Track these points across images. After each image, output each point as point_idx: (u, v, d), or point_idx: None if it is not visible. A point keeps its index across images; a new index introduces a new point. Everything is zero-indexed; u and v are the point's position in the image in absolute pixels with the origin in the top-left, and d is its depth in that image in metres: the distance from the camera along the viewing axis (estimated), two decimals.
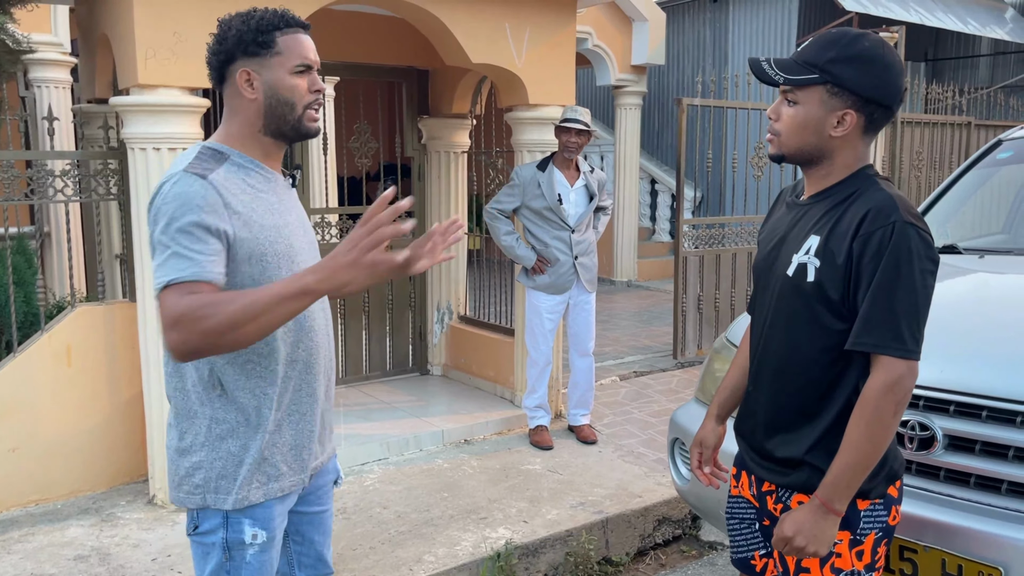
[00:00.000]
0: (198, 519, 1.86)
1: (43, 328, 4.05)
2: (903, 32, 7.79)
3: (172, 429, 1.88)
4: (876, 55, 1.78)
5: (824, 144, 1.83)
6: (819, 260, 1.80)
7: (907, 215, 1.73)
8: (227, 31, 1.84)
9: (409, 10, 4.61)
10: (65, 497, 4.08)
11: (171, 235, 1.66)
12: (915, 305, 1.71)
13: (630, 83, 9.92)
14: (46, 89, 6.88)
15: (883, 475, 1.82)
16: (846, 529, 1.81)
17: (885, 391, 1.71)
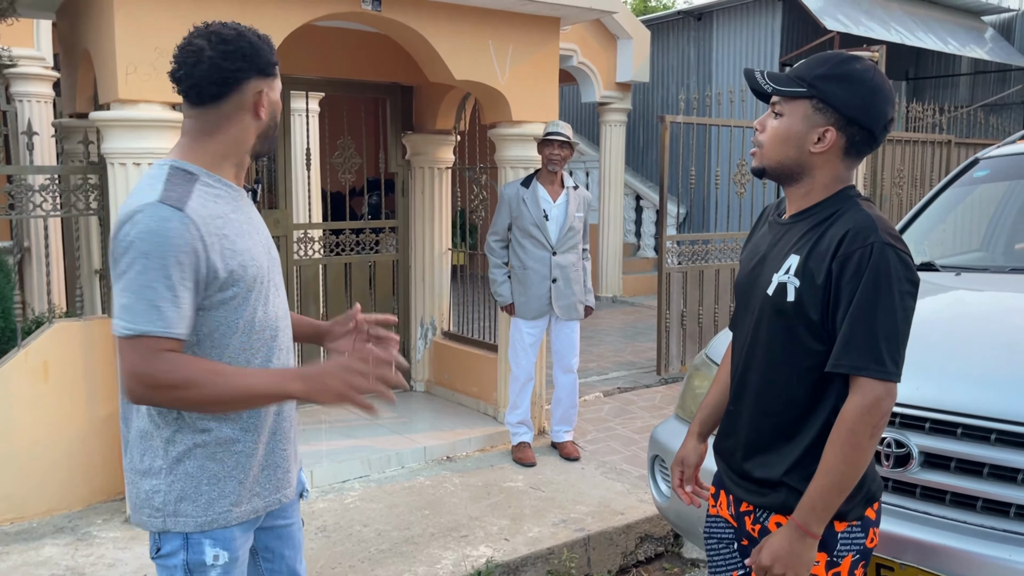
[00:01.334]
0: (159, 541, 1.81)
1: (20, 344, 4.01)
2: (884, 51, 7.87)
3: (132, 449, 1.82)
4: (865, 77, 1.78)
5: (804, 159, 1.83)
6: (799, 280, 1.79)
7: (886, 236, 1.72)
8: (241, 43, 1.74)
9: (393, 27, 4.63)
10: (40, 515, 4.03)
11: (146, 278, 1.62)
12: (895, 327, 1.70)
13: (615, 100, 9.98)
14: (28, 103, 6.85)
15: (860, 497, 1.81)
16: (823, 551, 1.80)
17: (863, 413, 1.70)
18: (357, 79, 5.62)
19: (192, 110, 1.78)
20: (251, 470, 1.83)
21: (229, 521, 1.81)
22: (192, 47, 1.72)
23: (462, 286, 6.30)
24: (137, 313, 1.62)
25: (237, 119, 1.77)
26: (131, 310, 1.62)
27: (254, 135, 1.81)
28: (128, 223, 1.65)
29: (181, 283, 1.64)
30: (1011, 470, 2.17)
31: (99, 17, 3.93)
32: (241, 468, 1.81)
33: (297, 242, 5.45)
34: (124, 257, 1.63)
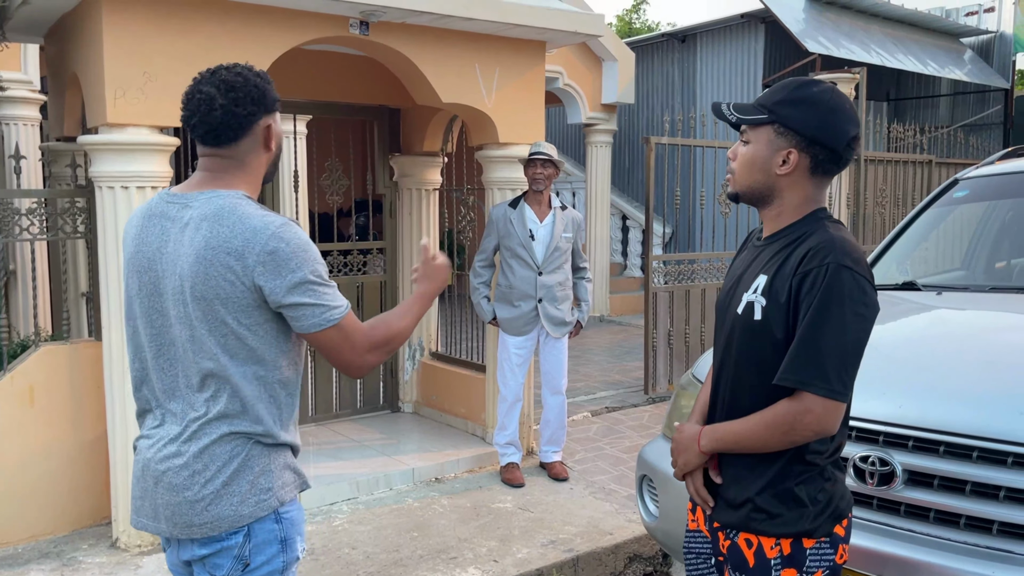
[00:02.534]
0: (249, 555, 1.87)
1: (5, 368, 3.99)
2: (864, 73, 8.00)
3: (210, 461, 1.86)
4: (821, 99, 1.85)
5: (772, 183, 1.89)
6: (765, 299, 1.85)
7: (844, 258, 1.76)
8: (248, 88, 1.86)
9: (380, 51, 4.67)
10: (25, 540, 3.99)
11: (321, 273, 1.85)
12: (842, 346, 1.73)
13: (600, 121, 10.07)
14: (15, 126, 6.84)
15: (827, 514, 1.84)
16: (793, 567, 1.83)
17: (787, 420, 1.76)
18: (345, 102, 5.66)
19: (209, 149, 1.91)
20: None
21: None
22: (203, 95, 1.85)
23: (450, 307, 6.32)
24: (336, 298, 1.87)
25: (255, 154, 1.94)
26: (332, 298, 1.86)
27: (266, 164, 1.99)
28: (281, 241, 1.80)
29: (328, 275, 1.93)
30: (993, 487, 2.20)
31: (88, 41, 3.95)
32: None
33: None
34: (300, 269, 1.81)
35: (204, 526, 1.84)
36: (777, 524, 1.83)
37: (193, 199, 1.88)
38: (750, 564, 1.87)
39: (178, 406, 1.89)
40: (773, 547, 1.84)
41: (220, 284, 1.80)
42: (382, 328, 1.96)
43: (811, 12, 9.97)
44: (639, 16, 25.63)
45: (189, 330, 1.85)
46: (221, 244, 1.79)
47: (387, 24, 4.46)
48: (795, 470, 1.82)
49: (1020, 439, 2.19)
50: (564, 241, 4.76)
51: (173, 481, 1.85)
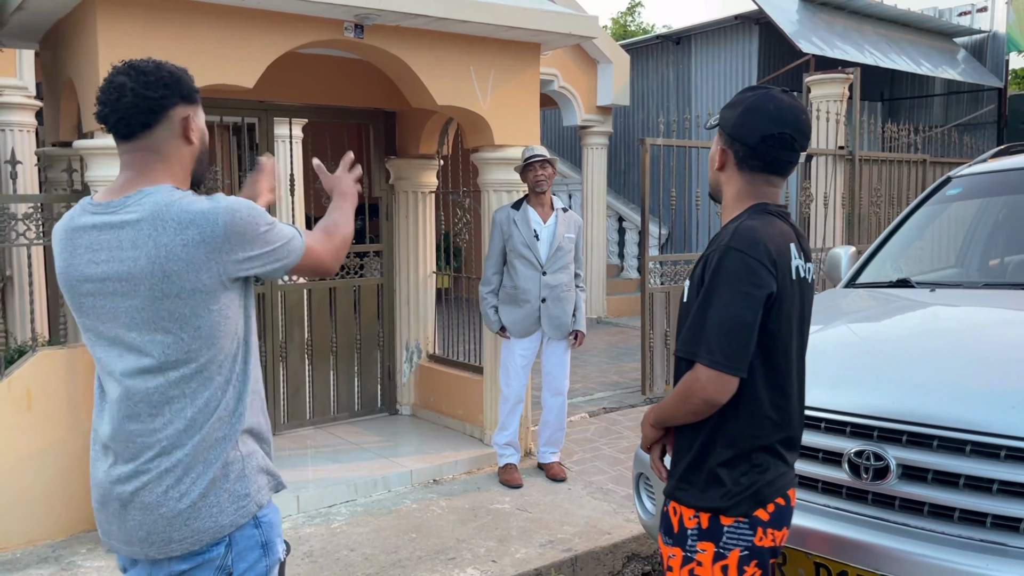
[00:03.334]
0: (231, 563, 1.83)
1: (2, 373, 3.99)
2: (858, 73, 8.03)
3: (194, 465, 1.81)
4: (743, 102, 2.05)
5: (717, 178, 2.13)
6: (689, 282, 2.06)
7: (736, 241, 1.93)
8: (161, 73, 1.81)
9: (375, 54, 4.69)
10: (23, 546, 3.99)
11: (271, 222, 1.86)
12: (726, 321, 1.88)
13: (596, 123, 10.09)
14: (10, 132, 6.86)
15: (745, 496, 1.95)
16: (710, 541, 1.96)
17: (685, 388, 1.95)
18: (340, 105, 5.67)
19: (127, 143, 1.83)
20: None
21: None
22: (114, 84, 1.79)
23: (447, 309, 6.33)
24: (285, 232, 1.89)
25: (172, 145, 1.85)
26: (283, 234, 1.88)
27: (191, 160, 1.90)
28: (227, 212, 1.77)
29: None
30: (986, 481, 2.21)
31: (83, 47, 3.97)
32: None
33: None
34: (251, 221, 1.80)
35: (184, 541, 1.78)
36: (692, 496, 1.99)
37: (121, 204, 1.78)
38: (674, 530, 2.03)
39: (138, 427, 1.80)
40: (691, 518, 1.99)
41: (186, 279, 1.74)
42: (339, 233, 2.07)
43: (805, 13, 10.01)
44: (634, 19, 25.71)
45: (139, 342, 1.78)
46: (174, 239, 1.72)
47: (382, 27, 4.48)
48: (717, 450, 1.96)
49: (1013, 432, 2.20)
50: (567, 241, 4.80)
51: (145, 500, 1.78)
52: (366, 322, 5.85)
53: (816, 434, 2.49)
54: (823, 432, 2.49)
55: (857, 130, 8.15)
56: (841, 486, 2.44)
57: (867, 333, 2.97)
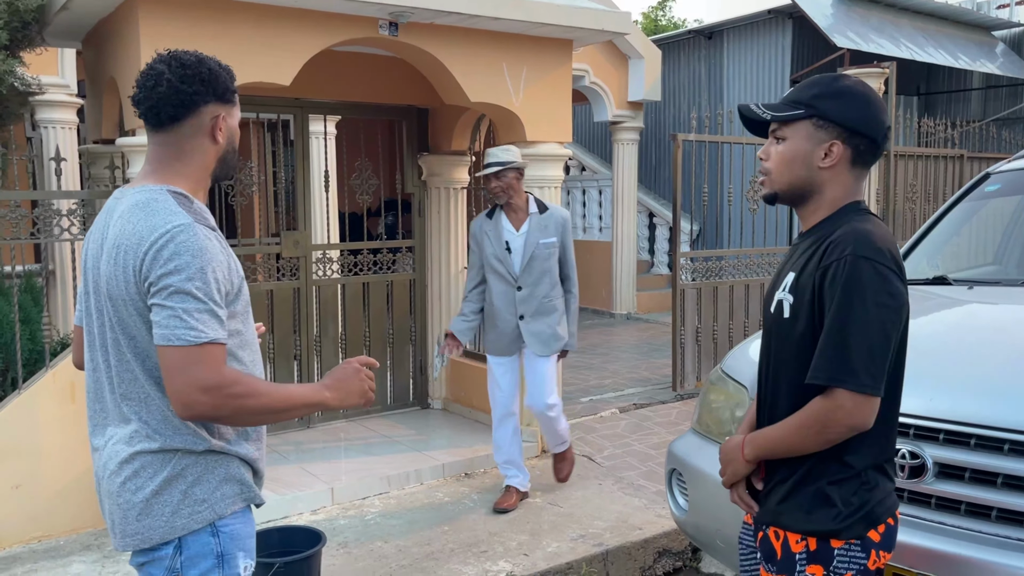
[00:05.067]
0: (180, 567, 1.77)
1: (47, 365, 4.10)
2: (894, 67, 7.93)
3: (149, 465, 1.79)
4: (858, 91, 1.87)
5: (814, 177, 1.88)
6: (792, 296, 1.86)
7: (863, 248, 1.75)
8: (200, 68, 1.80)
9: (409, 51, 4.73)
10: (67, 533, 4.10)
11: (204, 290, 1.68)
12: (868, 340, 1.72)
13: (627, 119, 10.07)
14: (52, 130, 7.00)
15: (858, 517, 1.81)
16: (820, 565, 1.82)
17: (826, 416, 1.75)
18: (374, 102, 5.73)
19: (154, 135, 1.83)
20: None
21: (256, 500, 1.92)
22: (153, 71, 1.79)
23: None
24: (204, 322, 1.67)
25: (196, 142, 1.83)
26: (200, 321, 1.66)
27: (214, 159, 1.87)
28: (171, 242, 1.68)
29: (221, 297, 1.74)
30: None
31: (125, 46, 4.05)
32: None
33: (316, 262, 5.54)
34: (179, 273, 1.67)
35: (136, 536, 1.76)
36: (800, 521, 1.84)
37: (127, 193, 1.82)
38: (777, 556, 1.89)
39: (110, 417, 1.83)
40: (799, 542, 1.84)
41: (120, 283, 1.73)
42: (248, 384, 1.72)
43: (839, 7, 9.89)
44: (665, 13, 25.54)
45: (111, 333, 1.78)
46: (123, 241, 1.72)
47: (416, 25, 4.52)
48: (830, 469, 1.82)
49: None
50: (543, 248, 4.29)
51: (109, 488, 1.80)
52: (398, 317, 5.91)
53: None
54: None
55: (892, 125, 8.05)
56: None
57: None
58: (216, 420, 1.75)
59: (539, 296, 4.29)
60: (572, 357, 7.93)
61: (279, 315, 5.37)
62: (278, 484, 4.48)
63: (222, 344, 1.70)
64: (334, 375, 1.88)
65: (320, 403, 1.86)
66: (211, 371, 1.67)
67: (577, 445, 5.41)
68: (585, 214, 11.52)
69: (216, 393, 1.67)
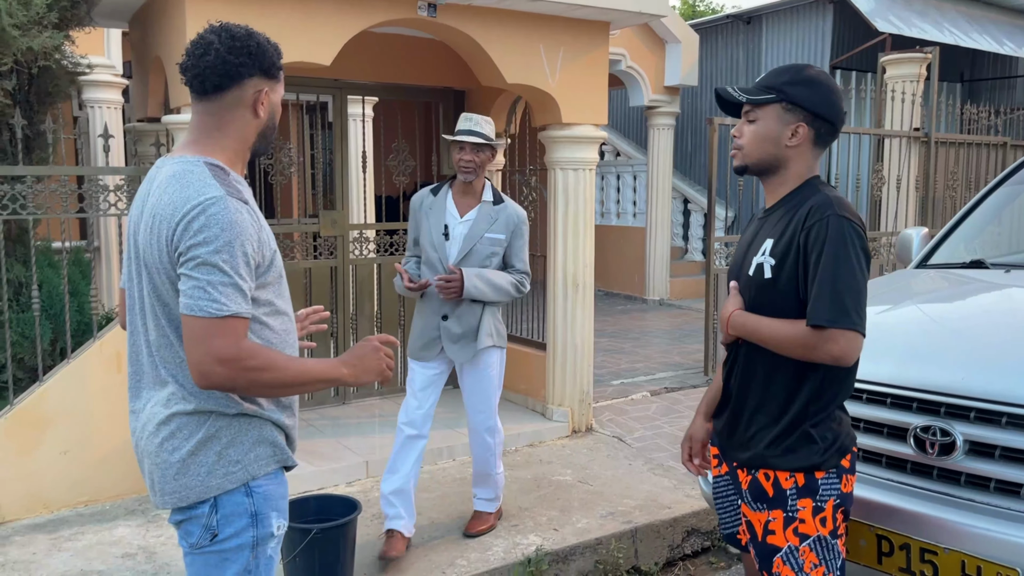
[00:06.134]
0: (216, 525, 1.84)
1: (95, 336, 4.23)
2: (937, 53, 7.81)
3: (188, 425, 1.85)
4: (823, 81, 2.13)
5: (780, 153, 2.15)
6: (773, 259, 2.10)
7: (842, 210, 2.03)
8: (248, 42, 1.83)
9: (447, 33, 4.77)
10: (113, 499, 4.24)
11: (231, 264, 1.73)
12: (856, 284, 1.98)
13: (663, 104, 10.03)
14: (98, 109, 7.17)
15: (834, 448, 2.09)
16: (809, 497, 2.08)
17: (815, 342, 1.99)
18: (411, 84, 5.79)
19: (198, 104, 1.87)
20: None
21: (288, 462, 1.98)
22: (203, 40, 1.83)
23: None
24: (228, 296, 1.72)
25: (238, 114, 1.86)
26: (224, 294, 1.71)
27: (254, 132, 1.91)
28: (203, 214, 1.72)
29: (249, 270, 1.78)
30: None
31: (171, 26, 4.15)
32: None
33: (353, 242, 5.63)
34: (207, 245, 1.71)
35: (174, 495, 1.83)
36: (790, 460, 2.09)
37: (167, 163, 1.87)
38: (769, 495, 2.12)
39: (147, 379, 1.89)
40: (788, 479, 2.09)
41: (155, 251, 1.78)
42: (265, 357, 1.77)
43: None
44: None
45: (148, 299, 1.84)
46: (159, 210, 1.77)
47: (454, 6, 4.56)
48: (809, 411, 2.08)
49: None
50: (487, 244, 3.61)
51: (147, 448, 1.87)
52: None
53: (881, 409, 2.51)
54: (888, 407, 2.50)
55: (934, 111, 7.94)
56: (906, 461, 2.45)
57: (937, 311, 2.95)
58: (232, 390, 1.79)
59: (468, 297, 3.58)
60: (604, 341, 8.00)
61: (316, 293, 5.47)
62: (315, 456, 4.59)
63: (244, 318, 1.75)
64: (353, 352, 1.94)
65: (336, 379, 1.90)
66: (230, 343, 1.71)
67: (607, 426, 5.47)
68: (619, 199, 11.51)
69: (232, 365, 1.71)
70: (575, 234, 5.20)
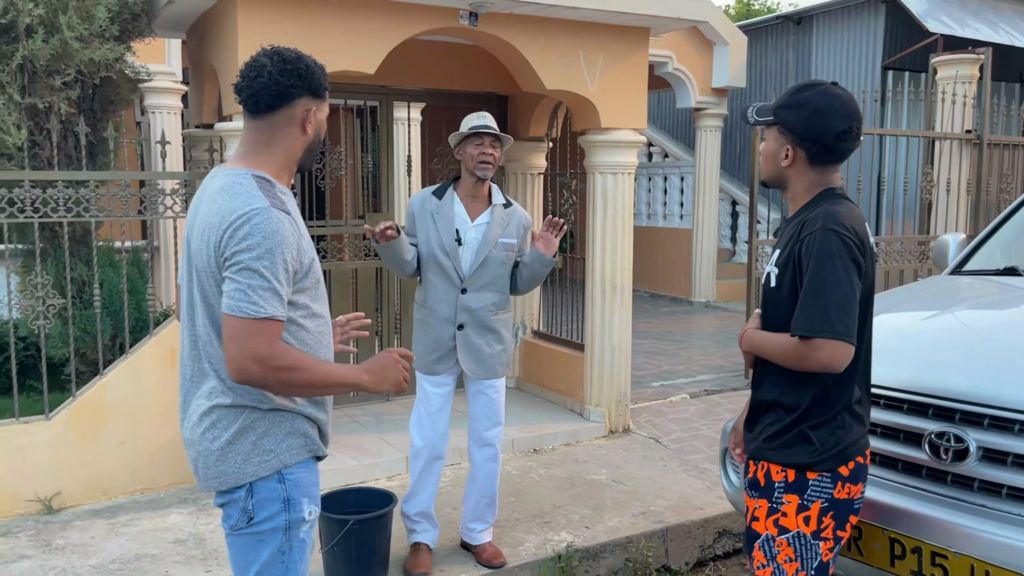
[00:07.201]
0: (252, 509, 2.00)
1: (151, 332, 4.46)
2: (990, 53, 7.67)
3: (226, 417, 2.01)
4: (808, 103, 2.17)
5: (781, 172, 2.26)
6: (777, 268, 2.22)
7: (831, 223, 2.09)
8: (298, 64, 1.99)
9: (488, 40, 4.90)
10: (166, 488, 4.46)
11: (271, 270, 1.87)
12: (839, 295, 2.05)
13: (711, 105, 10.01)
14: (159, 115, 7.48)
15: (832, 453, 2.15)
16: (795, 493, 2.18)
17: (803, 353, 2.09)
18: (456, 89, 5.93)
19: (250, 121, 2.03)
20: None
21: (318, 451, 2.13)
22: (257, 63, 1.99)
23: (551, 288, 6.52)
24: (266, 299, 1.87)
25: (288, 131, 2.02)
26: (262, 298, 1.86)
27: (301, 148, 2.06)
28: (248, 223, 1.87)
29: (287, 276, 1.92)
30: None
31: (225, 37, 4.35)
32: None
33: None
34: (250, 252, 1.87)
35: (215, 479, 2.01)
36: (782, 455, 2.20)
37: (219, 174, 2.03)
38: (761, 484, 2.24)
39: (194, 372, 2.05)
40: (779, 472, 2.20)
41: (204, 256, 1.94)
42: (294, 359, 1.91)
43: None
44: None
45: (197, 298, 1.99)
46: (210, 218, 1.93)
47: (495, 15, 4.68)
48: (812, 414, 2.16)
49: None
50: (502, 250, 3.50)
51: (192, 437, 2.04)
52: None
53: (897, 414, 2.55)
54: (905, 413, 2.54)
55: (987, 113, 7.79)
56: (920, 466, 2.49)
57: (960, 318, 2.96)
58: (264, 388, 1.93)
59: (485, 305, 3.50)
60: (646, 343, 8.04)
61: (363, 293, 5.64)
62: (357, 451, 4.76)
63: (279, 321, 1.89)
64: (375, 361, 2.08)
65: (357, 384, 2.05)
66: (265, 344, 1.86)
67: (645, 427, 5.53)
68: (666, 201, 11.51)
69: (265, 364, 1.86)
70: (613, 237, 5.28)
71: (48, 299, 4.20)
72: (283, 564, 2.03)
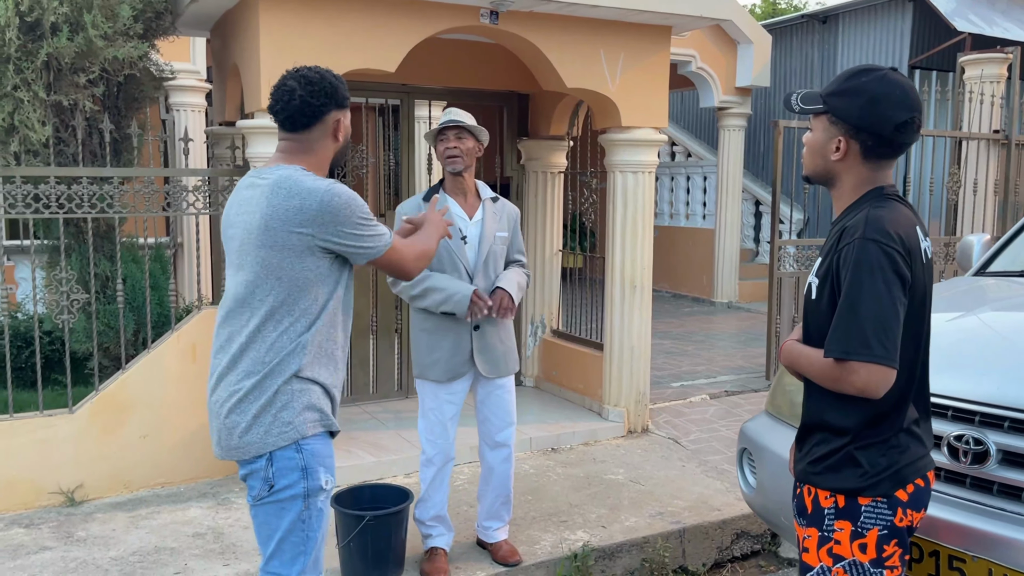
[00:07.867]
0: (273, 477, 2.22)
1: (173, 328, 4.50)
2: (1018, 52, 7.56)
3: (263, 389, 2.24)
4: (865, 89, 1.94)
5: (829, 167, 2.03)
6: (818, 279, 2.01)
7: (872, 232, 1.87)
8: (324, 84, 2.24)
9: (509, 39, 4.89)
10: (186, 482, 4.51)
11: (368, 217, 2.24)
12: (878, 313, 1.83)
13: (734, 105, 9.95)
14: (184, 112, 7.55)
15: (885, 476, 1.94)
16: (847, 520, 1.96)
17: (837, 375, 1.88)
18: (476, 88, 5.93)
19: (286, 135, 2.30)
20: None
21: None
22: (286, 87, 2.23)
23: (571, 287, 6.51)
24: (381, 232, 2.29)
25: (323, 142, 2.30)
26: (381, 233, 2.28)
27: (333, 152, 2.35)
28: (333, 195, 2.17)
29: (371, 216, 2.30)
30: None
31: (247, 36, 4.38)
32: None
33: None
34: (348, 211, 2.19)
35: (238, 450, 2.23)
36: (828, 479, 1.98)
37: (267, 172, 2.26)
38: (808, 511, 2.03)
39: (230, 357, 2.26)
40: (828, 498, 1.98)
41: (280, 235, 2.16)
42: (420, 244, 2.45)
43: None
44: None
45: (243, 278, 2.23)
46: (281, 203, 2.16)
47: (515, 13, 4.67)
48: (861, 435, 1.95)
49: None
50: (499, 243, 3.55)
51: (219, 412, 2.26)
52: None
53: None
54: None
55: (1016, 113, 7.68)
56: (940, 469, 2.46)
57: (979, 320, 2.92)
58: (420, 271, 2.45)
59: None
60: (667, 343, 8.01)
61: (383, 290, 5.66)
62: (376, 448, 4.78)
63: (394, 236, 2.33)
64: (430, 222, 2.55)
65: (437, 241, 2.53)
66: (408, 249, 2.38)
67: (664, 427, 5.51)
68: (689, 200, 11.46)
69: (419, 257, 2.40)
70: (633, 236, 5.26)
71: (72, 294, 4.26)
72: (303, 532, 2.23)
